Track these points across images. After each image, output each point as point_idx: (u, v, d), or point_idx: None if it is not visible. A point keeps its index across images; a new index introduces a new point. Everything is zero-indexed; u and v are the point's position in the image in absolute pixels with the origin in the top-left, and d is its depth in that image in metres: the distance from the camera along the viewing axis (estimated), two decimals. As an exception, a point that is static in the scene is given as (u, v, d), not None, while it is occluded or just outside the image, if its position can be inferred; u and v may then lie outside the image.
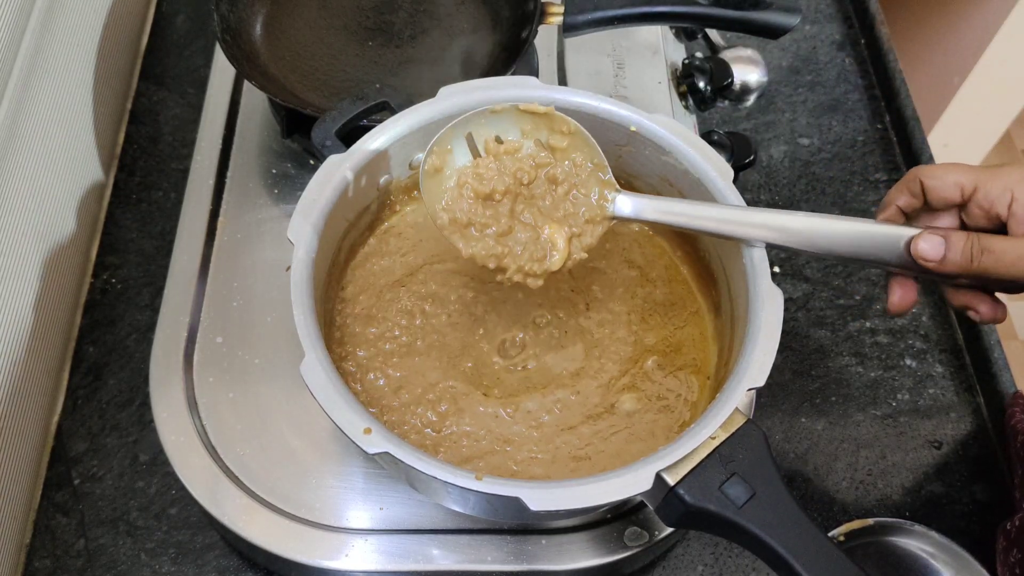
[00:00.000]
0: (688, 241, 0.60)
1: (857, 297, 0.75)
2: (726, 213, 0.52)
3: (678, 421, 0.55)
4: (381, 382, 0.55)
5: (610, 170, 0.53)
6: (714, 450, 0.45)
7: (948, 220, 0.53)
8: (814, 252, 0.51)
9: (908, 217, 0.54)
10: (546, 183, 0.54)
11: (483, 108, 0.53)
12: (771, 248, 0.51)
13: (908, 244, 0.50)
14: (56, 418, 0.66)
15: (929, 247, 0.49)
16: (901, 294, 0.53)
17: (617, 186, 0.54)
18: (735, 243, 0.52)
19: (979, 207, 0.50)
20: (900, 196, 0.53)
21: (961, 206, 0.52)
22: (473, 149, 0.54)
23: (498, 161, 0.53)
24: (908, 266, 0.51)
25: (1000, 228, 0.50)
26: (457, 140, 0.53)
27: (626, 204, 0.53)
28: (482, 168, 0.53)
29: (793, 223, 0.51)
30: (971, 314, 0.52)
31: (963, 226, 0.52)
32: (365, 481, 0.58)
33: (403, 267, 0.59)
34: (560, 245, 0.53)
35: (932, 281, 0.54)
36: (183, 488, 0.58)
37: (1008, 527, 0.61)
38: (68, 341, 0.69)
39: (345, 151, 0.54)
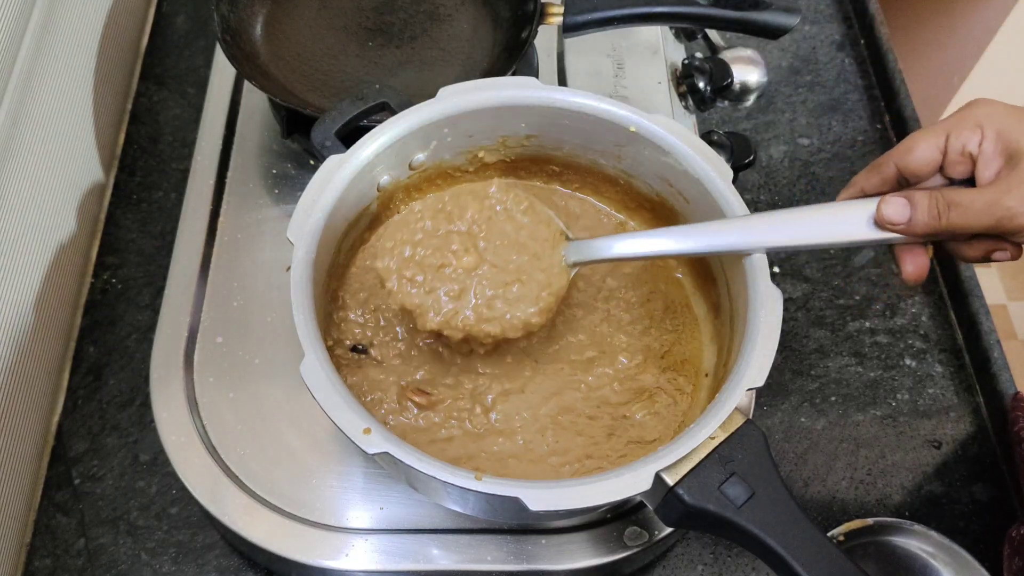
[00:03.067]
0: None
1: (857, 297, 0.75)
2: (683, 233, 0.51)
3: (677, 421, 0.55)
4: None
5: (559, 220, 0.54)
6: (713, 450, 0.45)
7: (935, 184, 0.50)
8: (786, 248, 0.50)
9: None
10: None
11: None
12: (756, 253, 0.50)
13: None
14: (56, 418, 0.66)
15: (893, 211, 0.47)
16: (912, 261, 0.50)
17: (568, 234, 0.54)
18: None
19: (957, 155, 0.48)
20: (868, 180, 0.51)
21: (942, 167, 0.49)
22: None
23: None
24: (883, 241, 0.49)
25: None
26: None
27: (582, 249, 0.53)
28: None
29: (756, 225, 0.50)
30: (997, 255, 0.48)
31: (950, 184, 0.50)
32: (365, 481, 0.59)
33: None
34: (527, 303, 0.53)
35: (941, 243, 0.51)
36: (183, 488, 0.58)
37: (1013, 534, 0.61)
38: (68, 341, 0.69)
39: (345, 151, 0.54)
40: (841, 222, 0.50)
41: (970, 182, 0.48)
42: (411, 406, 0.54)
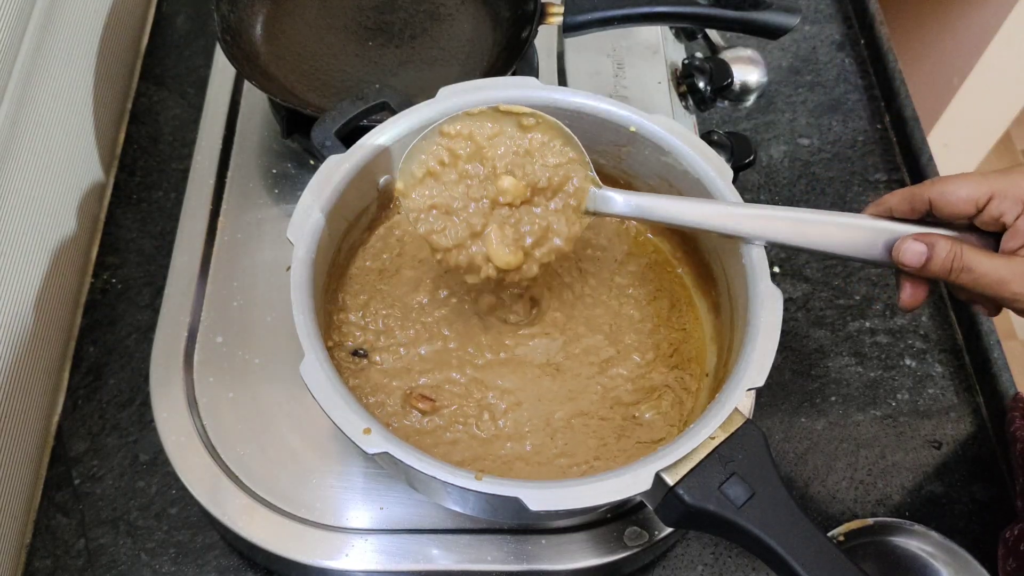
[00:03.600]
0: (687, 241, 0.60)
1: (857, 297, 0.75)
2: (710, 209, 0.52)
3: (682, 421, 0.55)
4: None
5: (591, 166, 0.53)
6: (713, 450, 0.45)
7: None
8: (794, 246, 0.50)
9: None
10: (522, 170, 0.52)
11: (459, 112, 0.52)
12: (761, 243, 0.51)
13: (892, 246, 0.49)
14: (56, 418, 0.66)
15: (911, 257, 0.49)
16: (912, 290, 0.51)
17: (598, 182, 0.53)
18: (733, 242, 0.52)
19: (990, 218, 0.49)
20: (900, 205, 0.51)
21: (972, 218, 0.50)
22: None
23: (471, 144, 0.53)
24: (891, 265, 0.50)
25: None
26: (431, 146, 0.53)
27: (606, 200, 0.53)
28: (458, 147, 0.52)
29: (777, 215, 0.50)
30: (976, 308, 0.51)
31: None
32: (365, 481, 0.59)
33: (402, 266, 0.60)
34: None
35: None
36: (183, 488, 0.58)
37: (1007, 535, 0.61)
38: (68, 341, 0.69)
39: (345, 151, 0.54)
40: (858, 237, 0.50)
41: (994, 235, 0.50)
42: (415, 412, 0.54)
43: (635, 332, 0.58)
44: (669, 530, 0.57)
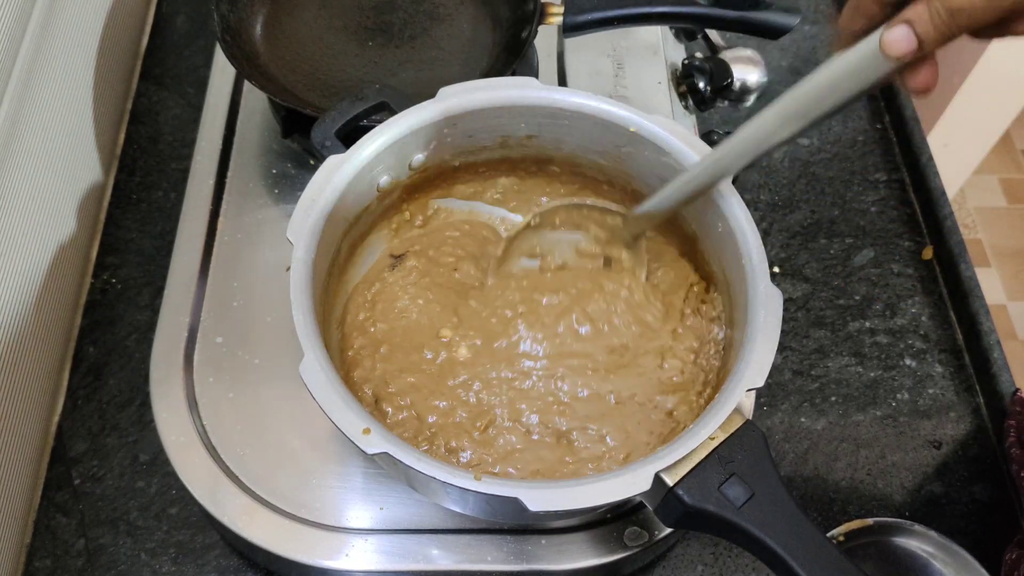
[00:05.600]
0: (688, 242, 0.60)
1: (857, 297, 0.75)
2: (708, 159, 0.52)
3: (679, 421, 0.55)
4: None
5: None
6: (713, 451, 0.45)
7: None
8: (806, 123, 0.48)
9: None
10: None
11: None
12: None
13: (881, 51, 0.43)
14: (56, 418, 0.66)
15: (896, 37, 0.42)
16: (924, 72, 0.44)
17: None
18: (735, 248, 0.52)
19: None
20: (854, 21, 0.45)
21: None
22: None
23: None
24: (892, 73, 0.44)
25: None
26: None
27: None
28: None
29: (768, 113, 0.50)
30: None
31: None
32: (365, 481, 0.59)
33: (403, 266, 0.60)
34: None
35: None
36: (183, 488, 0.58)
37: (1007, 558, 0.61)
38: (68, 341, 0.69)
39: (345, 151, 0.54)
40: (851, 72, 0.45)
41: None
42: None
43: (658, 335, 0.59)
44: (669, 530, 0.57)
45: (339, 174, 0.53)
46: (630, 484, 0.44)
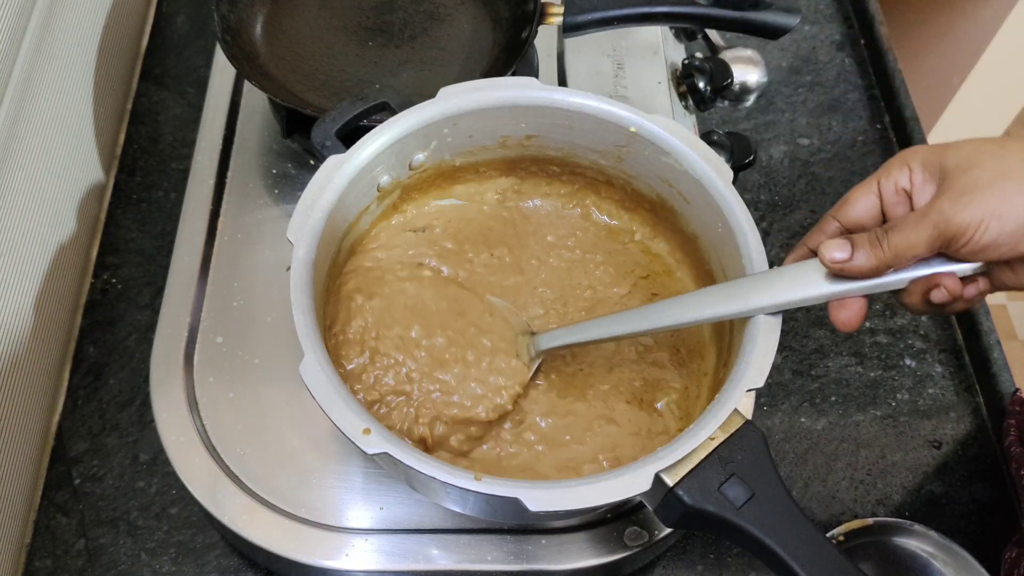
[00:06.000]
0: (688, 242, 0.60)
1: (857, 297, 0.75)
2: (630, 317, 0.52)
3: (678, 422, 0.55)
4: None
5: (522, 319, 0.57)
6: (713, 451, 0.45)
7: None
8: (746, 315, 0.49)
9: None
10: None
11: None
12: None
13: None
14: (56, 418, 0.66)
15: (832, 248, 0.46)
16: (847, 308, 0.48)
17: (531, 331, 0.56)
18: (735, 248, 0.52)
19: (892, 196, 0.47)
20: (813, 239, 0.49)
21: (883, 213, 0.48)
22: None
23: None
24: (840, 293, 0.47)
25: None
26: None
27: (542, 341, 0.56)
28: None
29: (708, 299, 0.50)
30: (934, 294, 0.45)
31: None
32: (365, 481, 0.59)
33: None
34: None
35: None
36: (183, 488, 0.58)
37: (1006, 556, 0.61)
38: (68, 341, 0.69)
39: (345, 151, 0.54)
40: (795, 282, 0.48)
41: None
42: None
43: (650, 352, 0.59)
44: (669, 530, 0.57)
45: (339, 174, 0.53)
46: (630, 484, 0.44)
